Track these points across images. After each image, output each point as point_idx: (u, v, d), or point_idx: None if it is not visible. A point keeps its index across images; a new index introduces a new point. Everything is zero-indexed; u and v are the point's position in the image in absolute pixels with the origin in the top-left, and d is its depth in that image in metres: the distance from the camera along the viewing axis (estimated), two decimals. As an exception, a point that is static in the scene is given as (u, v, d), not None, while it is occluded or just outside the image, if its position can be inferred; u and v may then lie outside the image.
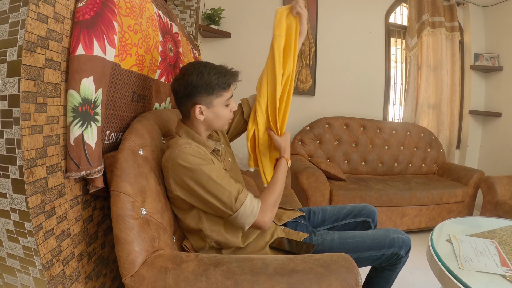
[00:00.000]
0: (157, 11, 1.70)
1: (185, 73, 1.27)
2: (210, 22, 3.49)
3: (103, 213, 1.35)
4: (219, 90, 1.28)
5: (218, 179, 1.20)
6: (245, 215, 1.21)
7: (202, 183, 1.19)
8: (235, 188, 1.23)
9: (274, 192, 1.34)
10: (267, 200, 1.29)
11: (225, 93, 1.31)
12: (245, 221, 1.22)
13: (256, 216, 1.23)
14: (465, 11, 4.19)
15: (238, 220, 1.22)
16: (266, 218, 1.26)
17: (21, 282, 1.03)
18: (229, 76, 1.30)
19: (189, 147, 1.23)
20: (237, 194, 1.22)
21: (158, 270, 1.03)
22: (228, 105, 1.35)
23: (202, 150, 1.27)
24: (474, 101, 4.19)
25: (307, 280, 1.02)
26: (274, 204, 1.31)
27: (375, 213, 1.69)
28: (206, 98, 1.28)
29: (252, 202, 1.24)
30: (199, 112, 1.29)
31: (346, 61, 3.94)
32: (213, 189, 1.19)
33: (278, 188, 1.36)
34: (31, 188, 0.92)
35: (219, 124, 1.36)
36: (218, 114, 1.32)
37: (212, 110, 1.31)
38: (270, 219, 1.27)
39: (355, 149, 3.65)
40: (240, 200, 1.21)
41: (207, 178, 1.19)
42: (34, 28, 0.88)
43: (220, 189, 1.19)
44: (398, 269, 1.50)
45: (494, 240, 1.66)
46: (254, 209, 1.23)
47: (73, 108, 1.01)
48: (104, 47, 1.11)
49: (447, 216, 3.18)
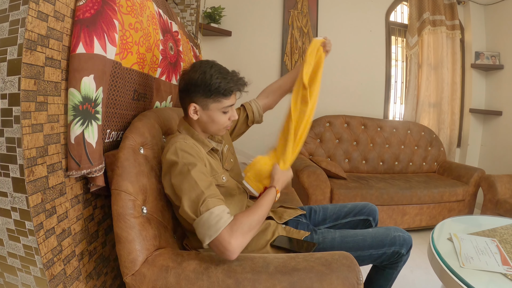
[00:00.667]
0: (158, 9, 1.69)
1: (191, 69, 1.26)
2: (211, 20, 3.49)
3: (104, 212, 1.35)
4: (217, 95, 1.23)
5: (196, 176, 1.10)
6: (207, 224, 1.03)
7: (179, 177, 1.12)
8: (210, 191, 1.10)
9: (252, 215, 1.13)
10: (241, 220, 1.08)
11: (223, 100, 1.25)
12: (206, 231, 1.03)
13: (219, 231, 1.01)
14: (465, 9, 4.18)
15: (200, 229, 1.05)
16: (233, 240, 1.02)
17: (22, 281, 1.03)
18: (232, 84, 1.25)
19: (183, 141, 1.20)
20: (208, 197, 1.07)
21: (159, 269, 1.03)
22: (227, 113, 1.29)
23: (198, 148, 1.25)
24: (474, 100, 4.18)
25: (308, 278, 1.02)
26: (249, 228, 1.08)
27: (376, 211, 1.69)
28: (203, 99, 1.25)
29: (222, 213, 1.05)
30: (194, 111, 1.27)
31: (346, 59, 3.93)
32: (187, 183, 1.10)
33: (258, 213, 1.16)
34: (32, 187, 0.92)
35: (213, 128, 1.31)
36: (213, 118, 1.28)
37: (207, 113, 1.27)
38: (238, 245, 1.03)
39: (355, 148, 3.64)
40: (207, 205, 1.06)
41: (186, 171, 1.11)
42: (34, 26, 0.88)
43: (193, 186, 1.09)
44: (399, 268, 1.50)
45: (495, 239, 1.66)
46: (220, 222, 1.03)
47: (74, 107, 1.01)
48: (105, 46, 1.10)
49: (448, 214, 3.17)
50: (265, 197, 1.27)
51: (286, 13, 3.74)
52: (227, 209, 1.09)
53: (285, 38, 3.75)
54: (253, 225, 1.11)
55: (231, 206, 1.35)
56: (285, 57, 3.74)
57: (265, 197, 1.27)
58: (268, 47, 3.78)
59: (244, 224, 1.07)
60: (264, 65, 3.77)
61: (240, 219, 1.08)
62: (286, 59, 3.74)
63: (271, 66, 3.78)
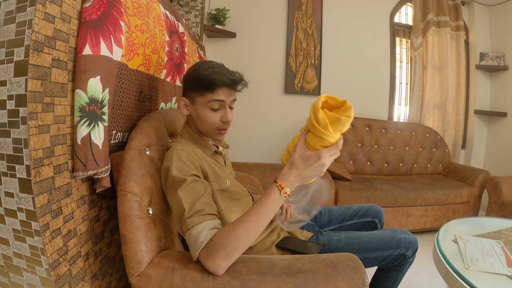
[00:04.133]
0: (164, 10, 1.70)
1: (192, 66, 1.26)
2: (215, 22, 3.49)
3: (110, 212, 1.36)
4: (201, 88, 1.18)
5: (182, 194, 1.05)
6: (189, 244, 0.99)
7: (171, 191, 1.10)
8: (194, 209, 1.02)
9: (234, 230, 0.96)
10: (219, 240, 0.95)
11: (207, 94, 1.18)
12: (190, 250, 0.99)
13: (197, 253, 0.96)
14: (470, 10, 4.17)
15: (190, 247, 1.00)
16: (210, 263, 0.95)
17: (28, 282, 1.03)
18: (218, 77, 1.16)
19: (181, 150, 1.17)
20: (188, 217, 1.00)
21: (165, 270, 1.03)
22: (216, 111, 1.21)
23: (198, 154, 1.21)
24: (479, 101, 4.17)
25: (313, 280, 1.01)
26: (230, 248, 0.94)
27: (382, 213, 1.68)
28: (191, 93, 1.23)
29: (199, 234, 0.97)
30: (184, 105, 1.26)
31: (351, 61, 3.93)
32: (174, 201, 1.07)
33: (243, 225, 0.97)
34: (38, 188, 0.92)
35: (203, 127, 1.25)
36: (200, 114, 1.22)
37: (195, 108, 1.24)
38: (218, 267, 0.95)
39: (360, 149, 3.64)
40: (187, 225, 0.99)
41: (176, 187, 1.08)
42: (41, 28, 0.88)
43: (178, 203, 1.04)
44: (405, 270, 1.49)
45: (500, 241, 1.65)
46: (196, 243, 0.96)
47: (80, 108, 1.01)
48: (111, 47, 1.11)
49: (453, 216, 3.16)
50: (258, 202, 1.01)
51: (291, 14, 3.74)
52: (208, 225, 0.99)
53: (290, 39, 3.75)
54: (237, 242, 0.94)
55: (237, 210, 1.34)
56: (289, 59, 3.74)
57: (259, 201, 1.01)
58: (273, 49, 3.78)
59: (221, 245, 0.94)
60: (268, 67, 3.76)
61: (218, 240, 0.95)
62: (290, 60, 3.74)
63: (275, 68, 3.78)
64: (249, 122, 3.70)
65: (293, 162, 1.00)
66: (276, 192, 0.99)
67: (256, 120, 3.77)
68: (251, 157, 3.73)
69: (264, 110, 3.76)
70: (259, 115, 3.76)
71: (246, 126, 3.69)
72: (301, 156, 0.99)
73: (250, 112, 3.68)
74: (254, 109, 3.71)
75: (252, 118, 3.71)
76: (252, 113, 3.70)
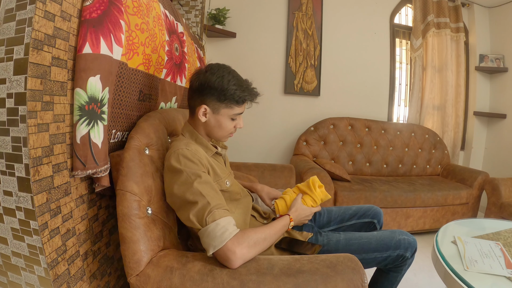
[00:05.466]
0: (164, 10, 1.70)
1: (207, 71, 1.25)
2: (215, 22, 3.49)
3: (108, 212, 1.35)
4: (230, 102, 1.25)
5: (200, 187, 1.11)
6: (212, 235, 1.05)
7: (183, 187, 1.12)
8: (215, 201, 1.11)
9: (259, 233, 1.15)
10: (248, 234, 1.10)
11: (235, 107, 1.27)
12: (210, 241, 1.05)
13: (224, 242, 1.03)
14: (470, 12, 4.17)
15: (205, 238, 1.06)
16: (238, 250, 1.04)
17: (26, 281, 1.03)
18: (247, 93, 1.27)
19: (185, 148, 1.19)
20: (215, 208, 1.09)
21: (164, 270, 1.03)
22: (234, 120, 1.31)
23: (201, 153, 1.24)
24: (479, 103, 4.17)
25: (313, 280, 1.01)
26: (255, 243, 1.10)
27: (381, 214, 1.68)
28: (215, 103, 1.25)
29: (228, 225, 1.07)
30: (203, 113, 1.27)
31: (351, 61, 3.93)
32: (191, 194, 1.10)
33: (266, 232, 1.17)
34: (37, 187, 0.92)
35: (219, 133, 1.32)
36: (221, 123, 1.29)
37: (216, 117, 1.28)
38: (242, 255, 1.05)
39: (359, 150, 3.64)
40: (214, 216, 1.07)
41: (190, 182, 1.11)
42: (41, 26, 0.88)
43: (197, 196, 1.09)
44: (404, 271, 1.49)
45: (499, 242, 1.65)
46: (225, 233, 1.05)
47: (80, 107, 1.01)
48: (111, 46, 1.10)
49: (452, 217, 3.16)
50: (277, 222, 1.29)
51: (291, 15, 3.74)
52: (233, 221, 1.11)
53: (290, 40, 3.75)
54: (260, 241, 1.12)
55: (236, 210, 1.36)
56: (289, 59, 3.74)
57: (277, 221, 1.29)
58: (273, 49, 3.78)
59: (251, 238, 1.09)
60: (268, 67, 3.77)
61: (248, 233, 1.10)
62: (290, 61, 3.74)
63: (275, 68, 3.78)
64: (249, 122, 3.69)
65: (297, 209, 1.41)
66: (287, 221, 1.33)
67: (255, 120, 3.77)
68: (251, 158, 3.72)
69: (264, 110, 3.75)
70: (259, 116, 3.76)
71: (246, 126, 3.64)
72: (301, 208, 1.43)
73: (250, 112, 3.63)
74: (254, 110, 3.64)
75: (251, 118, 3.70)
76: (251, 114, 3.68)
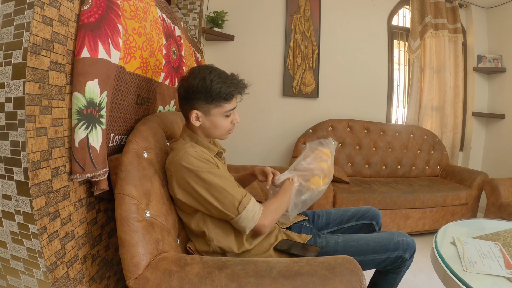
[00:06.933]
0: (161, 14, 1.70)
1: (189, 76, 1.26)
2: (213, 25, 3.50)
3: (107, 215, 1.36)
4: (218, 100, 1.25)
5: (221, 183, 1.21)
6: (246, 219, 1.22)
7: (205, 186, 1.19)
8: (238, 192, 1.24)
9: (276, 202, 1.35)
10: (269, 206, 1.31)
11: (225, 104, 1.27)
12: (246, 224, 1.23)
13: (257, 221, 1.24)
14: (467, 13, 4.18)
15: (240, 224, 1.23)
16: (266, 222, 1.26)
17: (25, 284, 1.03)
18: (233, 87, 1.26)
19: (193, 150, 1.23)
20: (241, 198, 1.23)
21: (163, 273, 1.03)
22: (229, 116, 1.32)
23: (206, 153, 1.27)
24: (477, 103, 4.18)
25: (311, 282, 1.01)
26: (276, 210, 1.32)
27: (380, 215, 1.68)
28: (204, 105, 1.26)
29: (254, 207, 1.25)
30: (196, 118, 1.28)
31: (349, 63, 3.94)
32: (217, 192, 1.20)
33: (279, 199, 1.37)
34: (36, 190, 0.92)
35: (217, 133, 1.34)
36: (216, 123, 1.30)
37: (209, 118, 1.29)
38: (270, 224, 1.28)
39: (358, 152, 3.64)
40: (243, 204, 1.22)
41: (211, 180, 1.19)
42: (39, 30, 0.89)
43: (223, 192, 1.20)
44: (403, 273, 1.49)
45: (498, 243, 1.65)
46: (255, 214, 1.24)
47: (78, 111, 1.01)
48: (109, 50, 1.11)
49: (451, 218, 3.16)
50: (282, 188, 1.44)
51: (289, 17, 3.75)
52: (254, 200, 1.27)
53: (288, 42, 3.76)
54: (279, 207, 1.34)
55: None
56: (287, 62, 3.75)
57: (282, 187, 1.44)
58: (271, 52, 3.79)
59: (272, 208, 1.31)
60: (266, 70, 3.77)
61: (268, 207, 1.31)
62: (288, 63, 3.75)
63: (273, 71, 3.78)
64: (247, 125, 3.70)
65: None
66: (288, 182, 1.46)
67: (254, 123, 3.77)
68: (249, 160, 3.73)
69: (262, 113, 3.76)
70: (257, 118, 3.77)
71: (244, 129, 3.69)
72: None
73: (248, 115, 3.68)
74: (252, 112, 3.71)
75: (250, 121, 3.71)
76: (250, 116, 3.70)
